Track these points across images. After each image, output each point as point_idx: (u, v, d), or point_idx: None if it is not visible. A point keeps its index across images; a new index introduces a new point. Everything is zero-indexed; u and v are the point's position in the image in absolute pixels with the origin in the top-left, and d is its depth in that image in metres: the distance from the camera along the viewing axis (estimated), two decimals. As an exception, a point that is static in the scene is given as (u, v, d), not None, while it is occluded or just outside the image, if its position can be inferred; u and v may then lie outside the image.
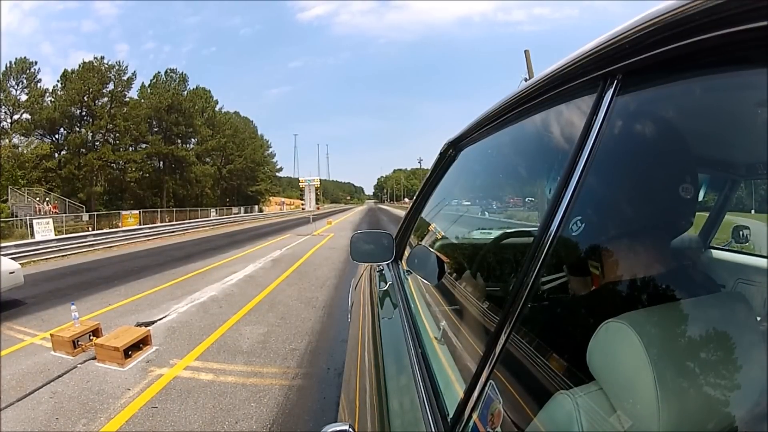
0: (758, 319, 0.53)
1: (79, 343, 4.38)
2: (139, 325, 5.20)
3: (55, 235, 15.05)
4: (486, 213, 2.08)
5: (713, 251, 1.21)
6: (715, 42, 0.41)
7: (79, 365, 4.05)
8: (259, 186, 52.80)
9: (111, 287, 7.82)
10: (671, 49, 0.46)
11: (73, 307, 4.65)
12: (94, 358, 4.16)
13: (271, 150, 59.14)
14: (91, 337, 4.48)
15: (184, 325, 5.40)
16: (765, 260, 1.07)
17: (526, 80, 0.96)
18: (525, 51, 14.28)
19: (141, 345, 4.37)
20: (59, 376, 3.80)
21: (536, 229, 0.67)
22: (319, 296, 6.96)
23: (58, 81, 31.01)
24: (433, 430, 0.75)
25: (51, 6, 70.08)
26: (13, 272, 6.48)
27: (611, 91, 0.57)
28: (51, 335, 4.50)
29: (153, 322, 5.47)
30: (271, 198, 60.20)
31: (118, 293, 7.31)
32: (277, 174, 62.30)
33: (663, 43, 0.47)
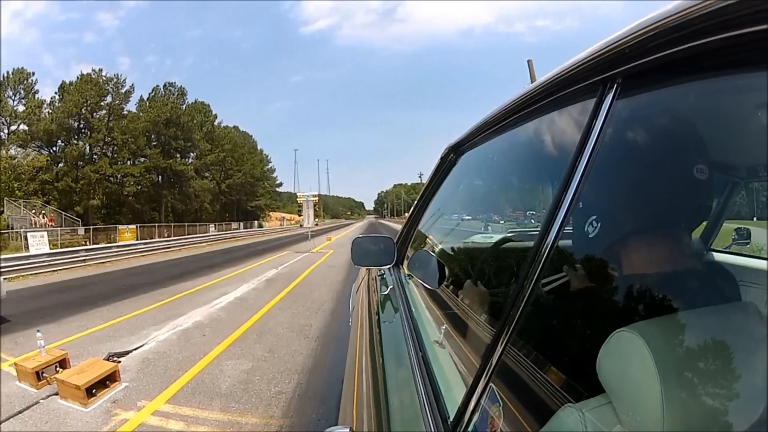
0: None
1: (44, 374, 4.06)
2: (110, 356, 4.80)
3: (50, 248, 15.03)
4: (485, 216, 2.12)
5: (713, 254, 1.22)
6: (714, 45, 0.41)
7: (41, 400, 3.75)
8: (258, 201, 53.00)
9: (94, 308, 7.51)
10: (670, 53, 0.47)
11: (38, 334, 4.28)
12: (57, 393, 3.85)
13: (271, 165, 59.70)
14: (58, 369, 4.17)
15: (160, 357, 4.95)
16: (765, 262, 1.09)
17: None
18: (528, 61, 14.13)
19: (108, 382, 3.98)
20: (20, 412, 3.53)
21: (537, 233, 0.68)
22: (313, 324, 6.40)
23: (56, 93, 31.44)
24: None
25: (52, 17, 71.75)
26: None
27: (611, 95, 0.58)
28: (15, 364, 4.20)
29: (128, 352, 5.08)
30: (271, 213, 60.40)
31: (100, 315, 6.98)
32: (278, 189, 62.78)
33: (662, 47, 0.48)
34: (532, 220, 1.49)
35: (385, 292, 1.92)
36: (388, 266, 2.04)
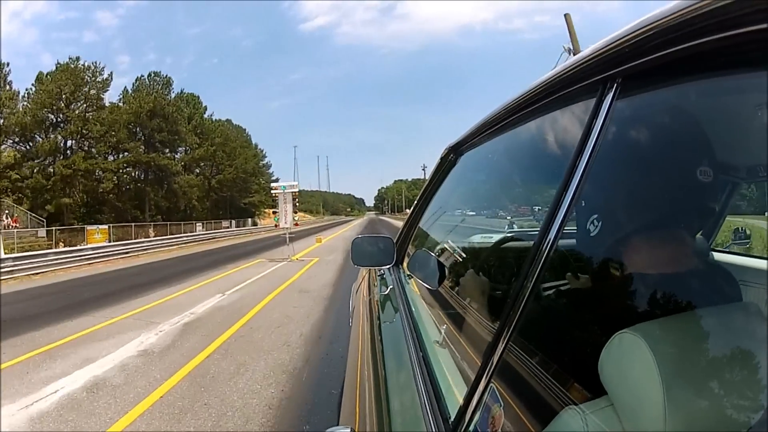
0: None
1: None
2: None
3: (5, 253, 13.87)
4: (485, 216, 2.14)
5: (714, 254, 1.25)
6: (714, 45, 0.42)
7: None
8: (252, 198, 52.35)
9: None
10: (670, 53, 0.48)
11: None
12: None
13: (266, 160, 59.16)
14: None
15: None
16: (765, 261, 1.12)
17: (569, 50, 0.91)
18: (565, 15, 13.03)
19: None
20: None
21: (537, 233, 0.69)
22: None
23: (32, 84, 30.95)
24: None
25: (51, 16, 71.16)
26: None
27: (611, 95, 0.60)
28: None
29: None
30: (267, 210, 59.81)
31: None
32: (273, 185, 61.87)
33: (662, 47, 0.49)
34: (537, 217, 1.55)
35: (385, 292, 1.96)
36: (387, 266, 2.08)
